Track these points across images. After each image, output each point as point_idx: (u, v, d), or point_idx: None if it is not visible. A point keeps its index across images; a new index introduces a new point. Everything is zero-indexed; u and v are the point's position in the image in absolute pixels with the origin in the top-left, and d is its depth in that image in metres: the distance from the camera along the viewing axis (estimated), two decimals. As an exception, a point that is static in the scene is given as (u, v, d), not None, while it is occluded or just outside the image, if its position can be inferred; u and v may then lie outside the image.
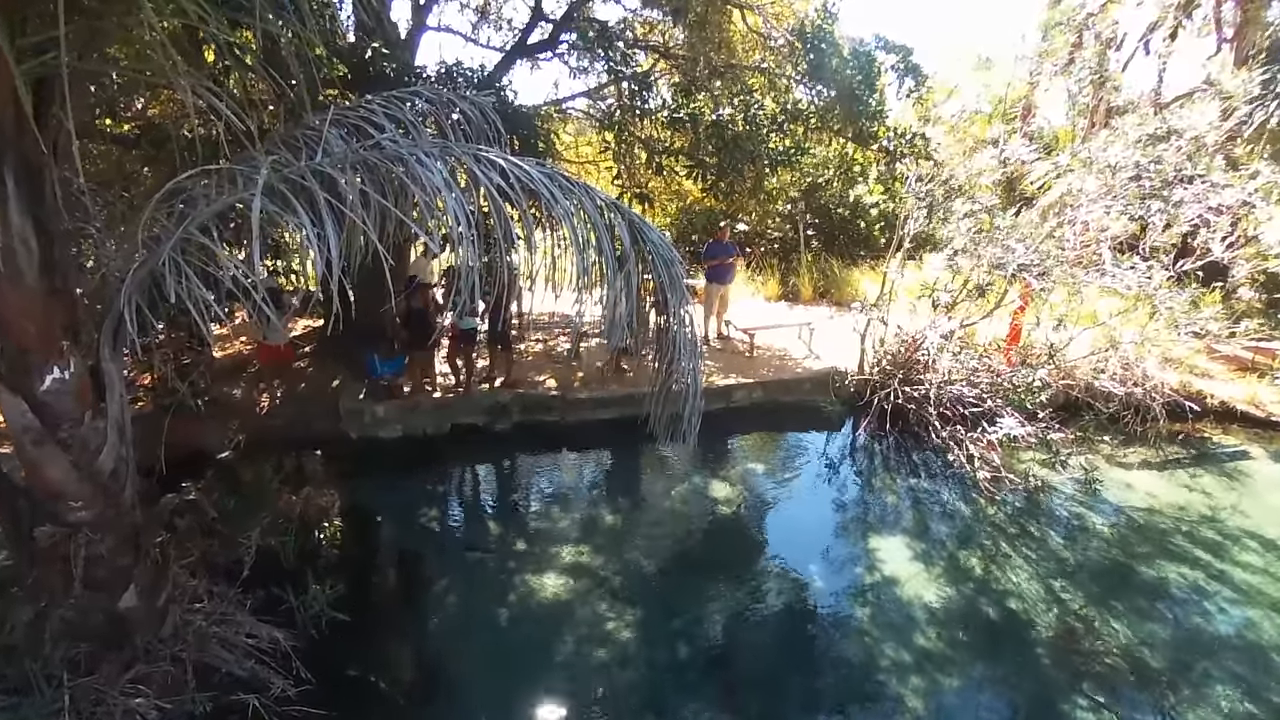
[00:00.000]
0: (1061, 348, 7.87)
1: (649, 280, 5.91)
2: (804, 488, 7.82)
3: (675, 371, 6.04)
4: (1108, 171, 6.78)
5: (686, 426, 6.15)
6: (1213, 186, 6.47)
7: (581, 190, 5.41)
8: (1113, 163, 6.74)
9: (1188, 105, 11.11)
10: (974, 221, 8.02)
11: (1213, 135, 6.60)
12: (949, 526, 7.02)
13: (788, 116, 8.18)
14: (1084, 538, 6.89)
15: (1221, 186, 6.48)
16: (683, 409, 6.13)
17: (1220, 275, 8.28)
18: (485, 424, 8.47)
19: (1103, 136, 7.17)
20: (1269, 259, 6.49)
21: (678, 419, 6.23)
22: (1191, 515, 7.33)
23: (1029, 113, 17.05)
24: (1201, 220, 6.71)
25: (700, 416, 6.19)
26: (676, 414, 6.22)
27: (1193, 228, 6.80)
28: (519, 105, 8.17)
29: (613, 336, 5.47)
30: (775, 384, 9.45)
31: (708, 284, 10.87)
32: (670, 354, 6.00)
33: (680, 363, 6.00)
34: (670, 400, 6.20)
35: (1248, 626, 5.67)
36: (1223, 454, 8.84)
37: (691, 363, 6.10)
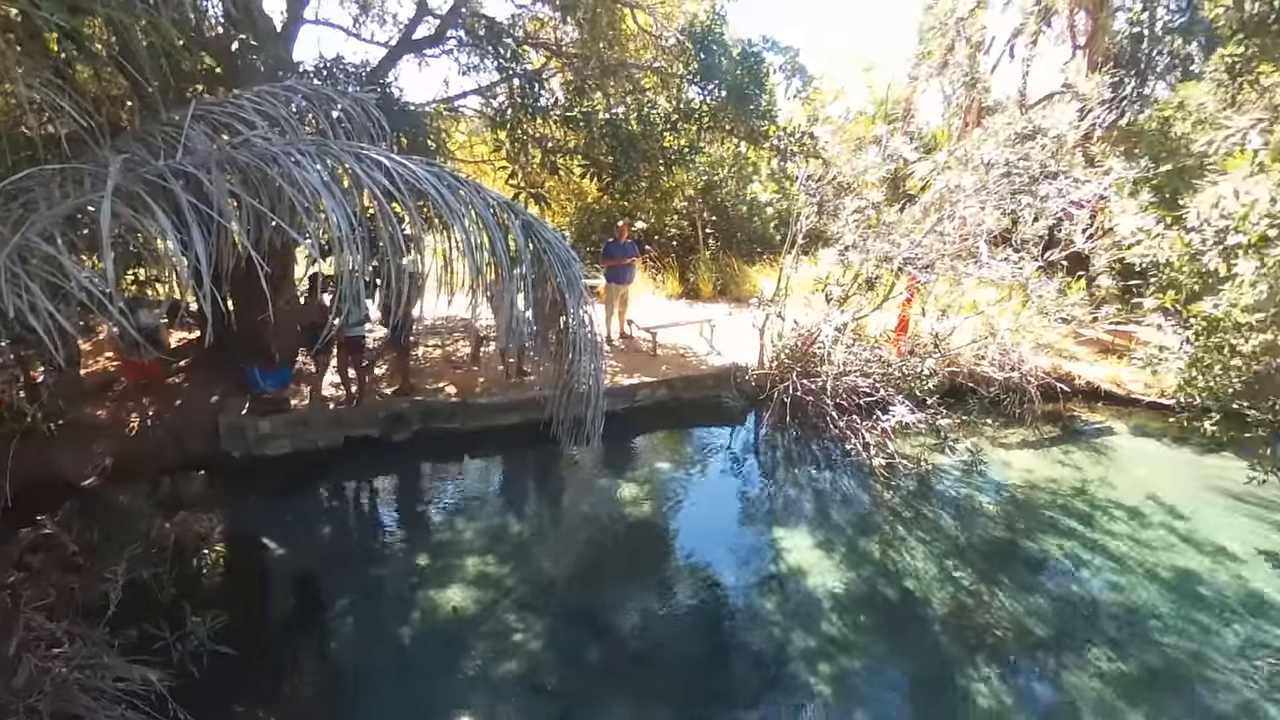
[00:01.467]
0: (946, 336, 8.28)
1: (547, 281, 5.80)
2: (710, 483, 7.90)
3: (576, 373, 5.96)
4: (982, 169, 7.19)
5: (590, 428, 6.07)
6: (1074, 182, 6.97)
7: (472, 190, 5.24)
8: (986, 160, 7.16)
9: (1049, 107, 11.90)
10: (862, 218, 8.31)
11: (1072, 135, 7.08)
12: (849, 513, 7.24)
13: (681, 116, 8.24)
14: (971, 516, 7.26)
15: (1081, 182, 6.99)
16: (585, 411, 6.05)
17: (1083, 265, 8.92)
18: (382, 435, 8.11)
19: (976, 135, 7.59)
20: (1123, 249, 7.00)
21: (581, 421, 6.15)
22: (1065, 489, 7.85)
23: (909, 113, 17.89)
24: (1065, 214, 7.20)
25: (603, 418, 6.11)
26: (579, 416, 6.13)
27: (1057, 221, 7.28)
28: (406, 103, 7.88)
29: (510, 340, 5.34)
30: (679, 381, 9.51)
31: (608, 284, 10.82)
32: (571, 355, 5.92)
33: (581, 364, 5.92)
34: (572, 402, 6.10)
35: (1119, 590, 6.10)
36: (1090, 431, 9.53)
37: (593, 363, 6.03)
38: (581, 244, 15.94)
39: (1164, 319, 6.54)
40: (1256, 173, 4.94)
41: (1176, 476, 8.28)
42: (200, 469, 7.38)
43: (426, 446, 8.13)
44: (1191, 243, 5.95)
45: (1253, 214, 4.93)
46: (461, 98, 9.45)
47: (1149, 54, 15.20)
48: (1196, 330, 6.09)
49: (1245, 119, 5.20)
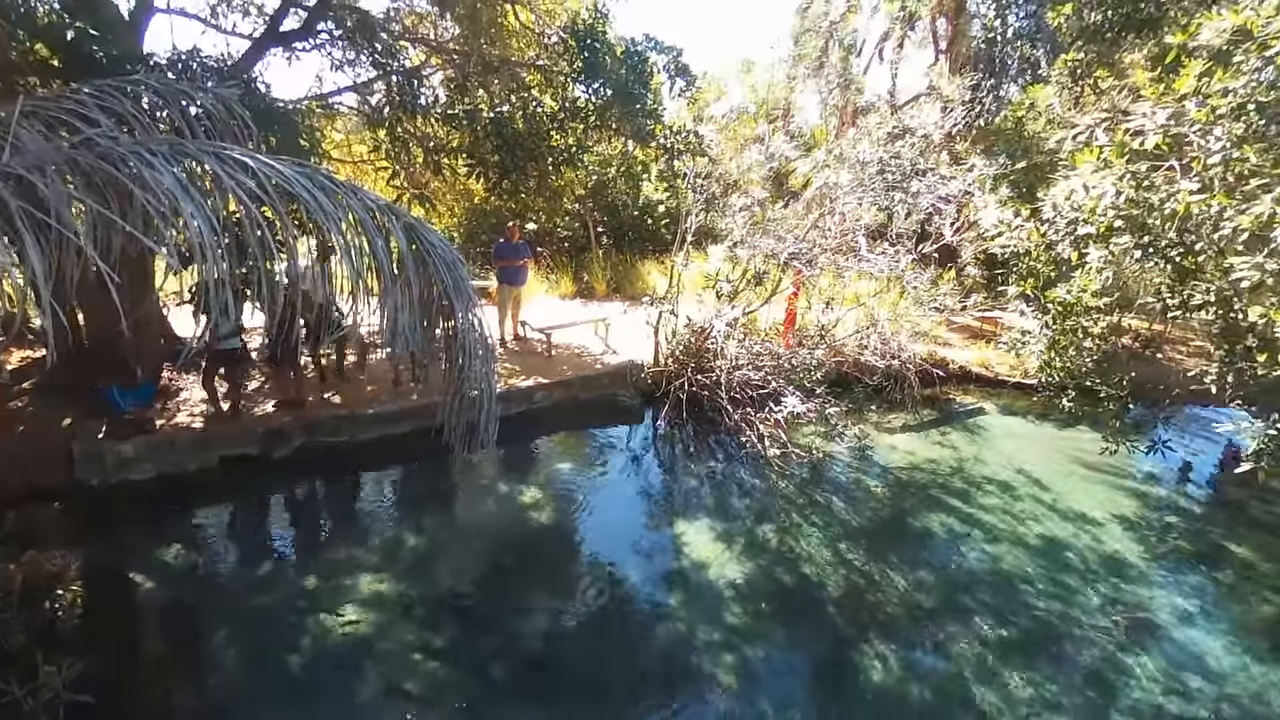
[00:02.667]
0: (831, 328, 8.61)
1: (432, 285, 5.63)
2: (610, 482, 7.88)
3: (467, 378, 5.80)
4: (858, 166, 7.52)
5: (484, 434, 5.94)
6: (941, 178, 7.39)
7: (349, 192, 5.01)
8: (862, 158, 7.48)
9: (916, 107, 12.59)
10: (748, 215, 8.51)
11: (937, 134, 7.51)
12: (746, 504, 7.40)
13: (567, 114, 8.16)
14: (861, 500, 7.57)
15: (948, 178, 7.42)
16: (478, 416, 5.91)
17: (953, 257, 9.50)
18: (261, 453, 7.62)
19: (852, 134, 7.93)
20: (987, 240, 7.48)
21: (474, 427, 6.00)
22: (944, 469, 8.32)
23: (788, 113, 18.53)
24: (934, 208, 7.63)
25: (497, 423, 5.99)
26: (472, 422, 5.98)
27: (928, 215, 7.72)
28: (274, 100, 7.43)
29: (395, 345, 5.15)
30: (575, 382, 9.44)
31: (499, 285, 10.62)
32: (461, 360, 5.76)
33: (472, 369, 5.77)
34: (464, 408, 5.94)
35: (995, 560, 6.50)
36: (964, 412, 10.16)
37: (484, 368, 5.89)
38: (471, 245, 15.59)
39: (1025, 305, 7.02)
40: (1102, 168, 5.36)
41: (1040, 451, 8.93)
42: (52, 501, 6.70)
43: (311, 463, 7.69)
44: (1046, 234, 6.40)
45: (1099, 206, 5.35)
46: (336, 95, 9.00)
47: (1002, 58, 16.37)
48: (1054, 315, 6.57)
49: (1090, 118, 5.64)
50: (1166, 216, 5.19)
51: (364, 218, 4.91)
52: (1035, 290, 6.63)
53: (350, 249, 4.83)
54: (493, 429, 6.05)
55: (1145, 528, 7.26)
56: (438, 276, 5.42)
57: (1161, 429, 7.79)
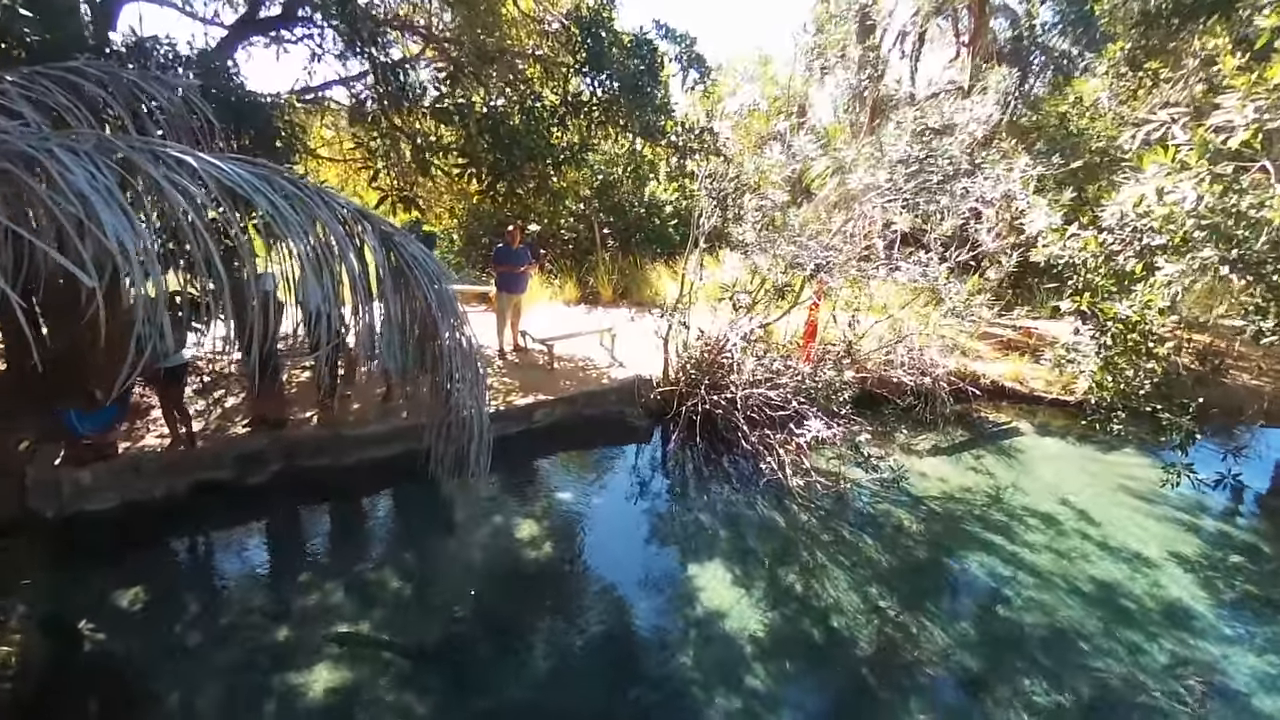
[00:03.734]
0: (857, 340, 7.88)
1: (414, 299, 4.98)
2: (616, 513, 7.20)
3: (455, 403, 5.15)
4: (898, 166, 6.80)
5: (474, 465, 5.28)
6: (992, 179, 6.66)
7: (315, 196, 4.36)
8: (900, 157, 6.77)
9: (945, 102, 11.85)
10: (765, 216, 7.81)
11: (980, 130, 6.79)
12: (766, 540, 6.70)
13: (569, 109, 7.45)
14: (892, 536, 6.87)
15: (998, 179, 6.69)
16: (466, 444, 5.25)
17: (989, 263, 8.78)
18: (235, 478, 6.98)
19: (891, 128, 7.20)
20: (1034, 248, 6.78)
21: (463, 456, 5.34)
22: (980, 498, 7.61)
23: (804, 110, 17.79)
24: (973, 212, 6.91)
25: (490, 451, 5.34)
26: (461, 450, 5.32)
27: (965, 219, 6.99)
28: (249, 93, 6.78)
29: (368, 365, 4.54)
30: (579, 398, 8.76)
31: (498, 293, 9.94)
32: (447, 383, 5.10)
33: (460, 393, 5.11)
34: (452, 435, 5.28)
35: (1044, 610, 5.80)
36: (997, 432, 9.42)
37: (474, 391, 5.23)
38: (472, 248, 14.96)
39: (1081, 322, 6.31)
40: (1177, 170, 4.66)
41: (1083, 477, 8.21)
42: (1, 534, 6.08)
43: (290, 489, 7.04)
44: (1106, 242, 5.69)
45: (1175, 213, 4.64)
46: (325, 88, 8.35)
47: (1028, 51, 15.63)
48: (1113, 333, 5.85)
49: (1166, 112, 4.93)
50: (1257, 226, 4.47)
51: (333, 227, 4.27)
52: (1093, 306, 5.90)
53: (316, 261, 4.19)
54: (484, 458, 5.40)
55: (1208, 568, 6.53)
56: (419, 291, 4.78)
57: (1232, 460, 7.07)
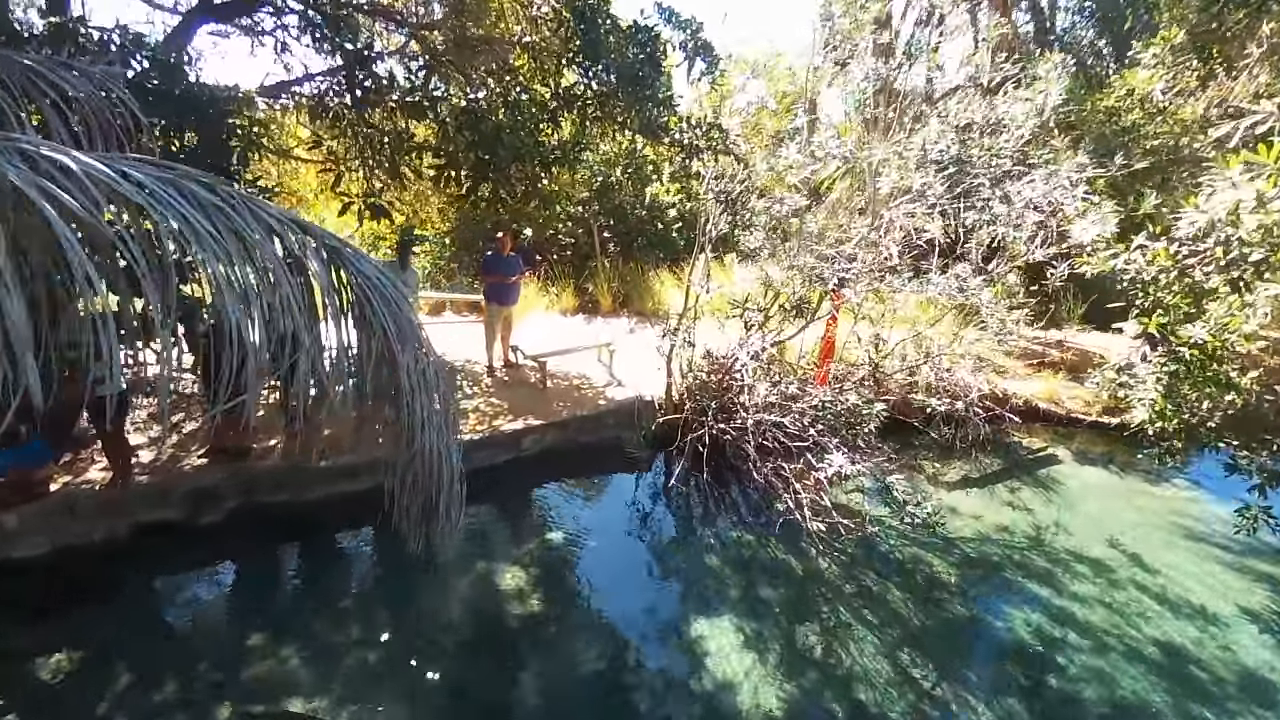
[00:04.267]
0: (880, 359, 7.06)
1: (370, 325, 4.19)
2: (612, 558, 6.37)
3: (421, 446, 4.36)
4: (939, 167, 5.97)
5: (443, 520, 4.50)
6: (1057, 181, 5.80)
7: (241, 206, 3.58)
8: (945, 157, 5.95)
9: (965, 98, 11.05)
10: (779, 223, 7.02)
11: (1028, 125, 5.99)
12: (781, 592, 5.89)
13: (562, 104, 6.64)
14: (923, 588, 6.05)
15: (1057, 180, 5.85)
16: (435, 494, 4.46)
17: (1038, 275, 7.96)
18: (185, 518, 6.20)
19: (935, 125, 6.38)
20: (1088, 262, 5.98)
21: (430, 506, 4.55)
22: (1019, 540, 6.80)
23: (814, 107, 16.98)
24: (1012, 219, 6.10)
25: (462, 502, 4.56)
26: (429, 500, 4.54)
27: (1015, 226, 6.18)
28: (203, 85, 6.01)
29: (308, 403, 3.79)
30: (573, 423, 7.95)
31: (487, 304, 9.14)
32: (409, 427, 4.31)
33: (426, 433, 4.32)
34: (418, 482, 4.49)
35: (1103, 680, 5.00)
36: (1032, 460, 8.59)
37: (442, 431, 4.44)
38: (465, 253, 14.19)
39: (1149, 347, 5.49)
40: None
41: (1132, 514, 7.38)
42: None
43: (248, 528, 6.25)
44: (1179, 256, 4.88)
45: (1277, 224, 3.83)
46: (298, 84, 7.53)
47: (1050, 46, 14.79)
48: (1189, 361, 5.03)
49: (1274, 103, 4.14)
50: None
51: (264, 243, 3.50)
52: (1164, 329, 5.09)
53: (236, 283, 3.45)
54: (455, 510, 4.61)
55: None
56: (374, 316, 3.99)
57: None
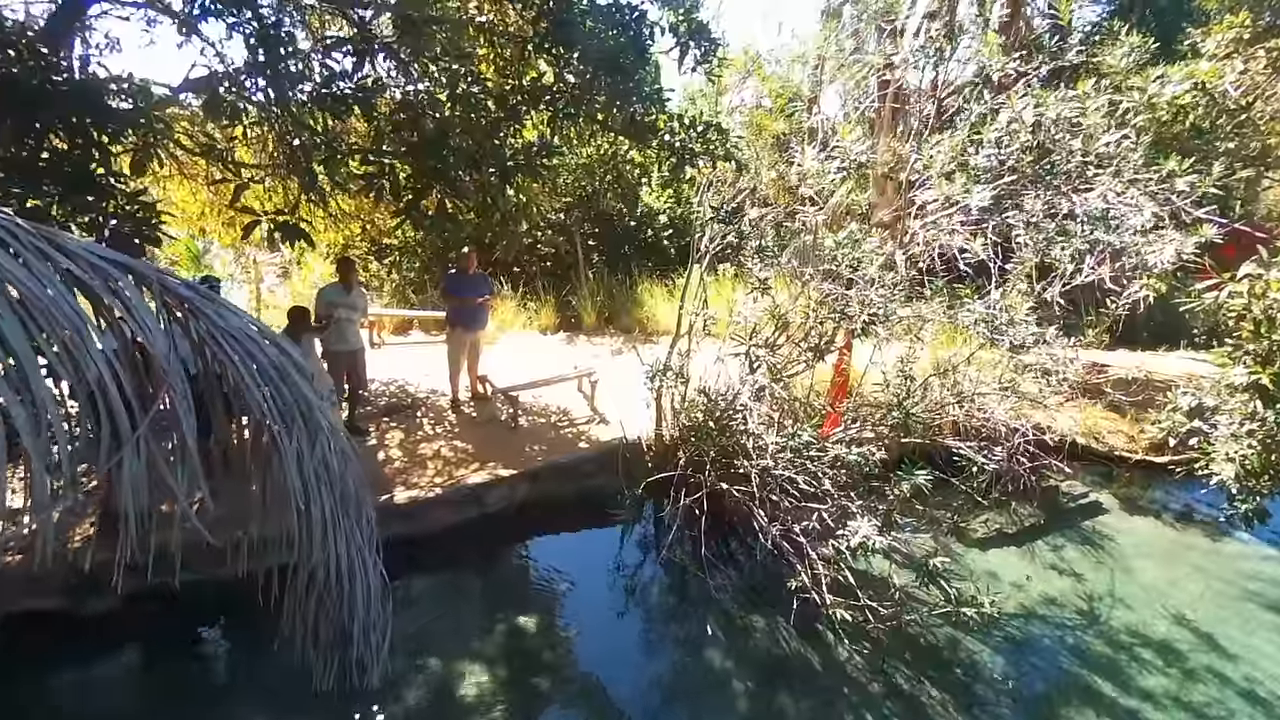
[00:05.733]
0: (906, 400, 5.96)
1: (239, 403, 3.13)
2: (594, 653, 5.21)
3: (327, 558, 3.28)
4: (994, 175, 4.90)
5: (359, 647, 3.40)
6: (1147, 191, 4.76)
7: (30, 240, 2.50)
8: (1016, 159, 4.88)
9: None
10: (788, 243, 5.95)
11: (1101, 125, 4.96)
12: (798, 698, 4.79)
13: (525, 99, 5.49)
14: (965, 685, 4.97)
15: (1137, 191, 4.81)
16: (348, 620, 3.38)
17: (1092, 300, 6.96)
18: (66, 607, 5.07)
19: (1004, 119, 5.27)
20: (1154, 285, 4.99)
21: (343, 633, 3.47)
22: (1070, 616, 5.75)
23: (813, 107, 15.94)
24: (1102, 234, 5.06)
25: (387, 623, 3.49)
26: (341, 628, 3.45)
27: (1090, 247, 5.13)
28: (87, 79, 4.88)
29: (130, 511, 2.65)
30: (546, 472, 6.84)
31: (451, 329, 8.04)
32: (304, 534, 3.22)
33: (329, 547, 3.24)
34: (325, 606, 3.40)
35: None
36: (1075, 510, 7.53)
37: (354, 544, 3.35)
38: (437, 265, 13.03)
39: (1259, 403, 4.46)
40: None
41: (1197, 580, 6.33)
42: None
43: (141, 619, 5.10)
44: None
45: None
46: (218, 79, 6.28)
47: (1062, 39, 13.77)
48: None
49: None
50: None
51: (56, 301, 2.40)
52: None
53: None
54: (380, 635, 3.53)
55: None
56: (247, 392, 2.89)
57: None
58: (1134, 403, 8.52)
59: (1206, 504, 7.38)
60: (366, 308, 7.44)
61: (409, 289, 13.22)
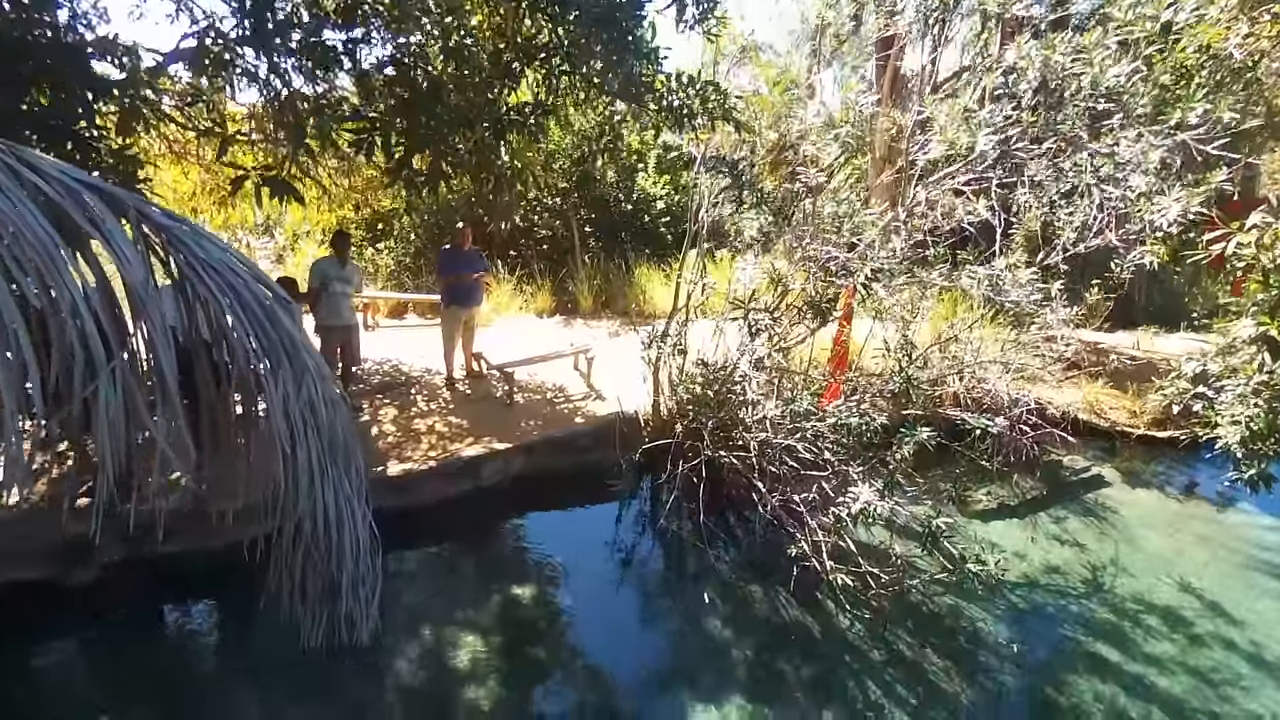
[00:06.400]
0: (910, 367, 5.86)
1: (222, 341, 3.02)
2: (591, 624, 5.10)
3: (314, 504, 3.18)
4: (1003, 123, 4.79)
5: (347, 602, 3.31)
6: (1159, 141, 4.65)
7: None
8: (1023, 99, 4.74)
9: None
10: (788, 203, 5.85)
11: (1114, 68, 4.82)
12: (797, 665, 4.71)
13: (520, 57, 5.36)
14: (969, 653, 4.89)
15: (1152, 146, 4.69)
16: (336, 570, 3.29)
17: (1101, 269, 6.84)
18: (53, 577, 4.96)
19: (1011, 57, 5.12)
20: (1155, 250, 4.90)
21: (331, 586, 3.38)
22: (1074, 584, 5.68)
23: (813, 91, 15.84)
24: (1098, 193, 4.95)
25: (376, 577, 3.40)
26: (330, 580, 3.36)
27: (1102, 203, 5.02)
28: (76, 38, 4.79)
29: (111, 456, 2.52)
30: (542, 446, 6.75)
31: (445, 307, 7.94)
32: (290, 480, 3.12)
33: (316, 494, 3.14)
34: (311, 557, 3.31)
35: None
36: (1077, 483, 7.46)
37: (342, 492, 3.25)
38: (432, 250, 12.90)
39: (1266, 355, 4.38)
40: None
41: (1202, 549, 6.27)
42: None
43: (131, 588, 5.00)
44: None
45: None
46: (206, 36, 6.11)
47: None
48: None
49: None
50: None
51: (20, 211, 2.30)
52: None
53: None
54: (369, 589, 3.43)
55: None
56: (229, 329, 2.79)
57: None
58: (1135, 379, 8.46)
59: (1210, 477, 7.33)
60: (361, 282, 7.33)
61: (404, 274, 13.11)
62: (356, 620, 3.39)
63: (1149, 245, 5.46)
